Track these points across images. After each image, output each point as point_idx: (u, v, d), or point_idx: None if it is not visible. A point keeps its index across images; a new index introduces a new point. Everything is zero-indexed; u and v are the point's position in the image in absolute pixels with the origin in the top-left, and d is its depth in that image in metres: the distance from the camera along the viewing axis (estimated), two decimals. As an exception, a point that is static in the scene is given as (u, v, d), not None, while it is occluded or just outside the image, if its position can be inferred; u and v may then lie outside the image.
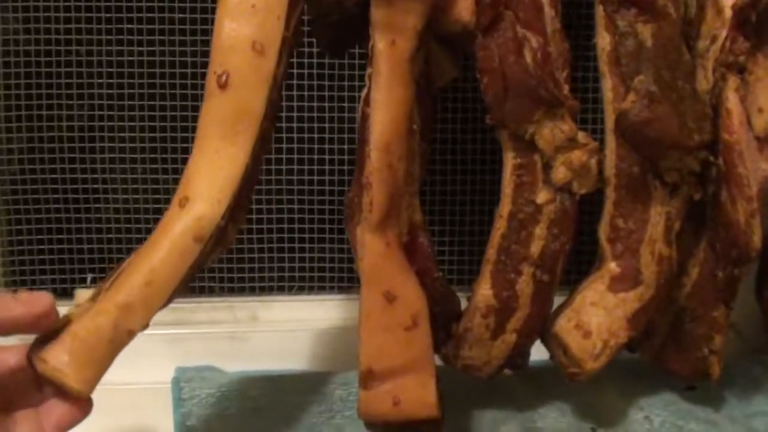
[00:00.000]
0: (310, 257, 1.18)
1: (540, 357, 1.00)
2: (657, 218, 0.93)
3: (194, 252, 0.79)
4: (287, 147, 1.13)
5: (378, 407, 0.86)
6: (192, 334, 1.14)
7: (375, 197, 0.83)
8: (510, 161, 0.92)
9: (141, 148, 1.11)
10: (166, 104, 1.09)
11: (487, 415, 1.05)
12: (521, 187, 0.92)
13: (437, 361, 0.91)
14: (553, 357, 0.98)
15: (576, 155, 0.90)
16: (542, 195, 0.91)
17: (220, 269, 1.17)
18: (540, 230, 0.92)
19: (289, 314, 1.18)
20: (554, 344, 0.97)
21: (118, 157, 1.12)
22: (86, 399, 0.80)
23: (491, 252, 0.94)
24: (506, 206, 0.92)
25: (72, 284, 1.13)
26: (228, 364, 1.11)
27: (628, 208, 0.93)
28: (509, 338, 0.95)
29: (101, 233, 1.12)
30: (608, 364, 0.96)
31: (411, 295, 0.85)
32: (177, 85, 1.09)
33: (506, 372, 0.99)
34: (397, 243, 0.86)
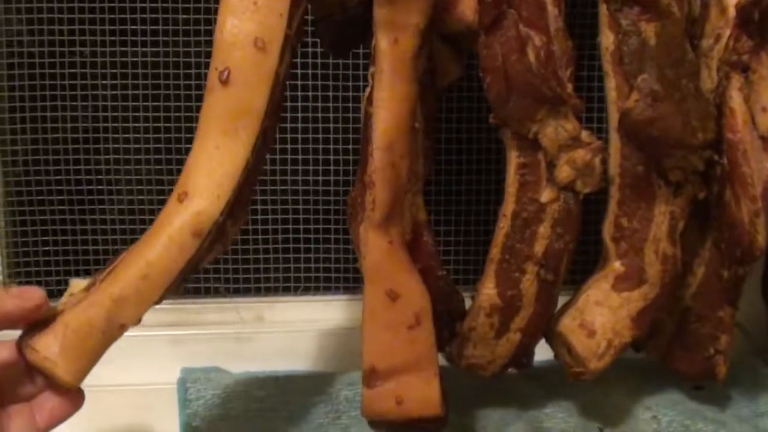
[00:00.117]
0: (316, 258, 1.18)
1: (545, 357, 1.00)
2: (661, 217, 0.92)
3: (192, 247, 0.78)
4: (292, 147, 1.13)
5: (381, 406, 0.86)
6: (198, 335, 1.14)
7: (378, 196, 0.83)
8: (514, 160, 0.92)
9: (145, 149, 1.11)
10: (171, 105, 1.09)
11: (494, 416, 1.05)
12: (525, 186, 0.92)
13: (441, 361, 0.91)
14: (558, 356, 0.98)
15: (580, 154, 0.90)
16: (546, 194, 0.91)
17: (226, 270, 1.17)
18: (544, 229, 0.92)
19: (295, 315, 1.18)
20: (558, 343, 0.96)
21: (123, 159, 1.12)
22: (77, 391, 0.80)
23: (495, 251, 0.94)
24: (510, 205, 0.92)
25: (77, 285, 1.13)
26: (234, 365, 1.12)
27: (632, 207, 0.93)
28: (513, 337, 0.95)
29: (106, 234, 1.13)
30: (614, 364, 0.96)
31: (414, 294, 0.85)
32: (181, 87, 1.09)
33: (511, 371, 0.99)
34: (400, 241, 0.86)
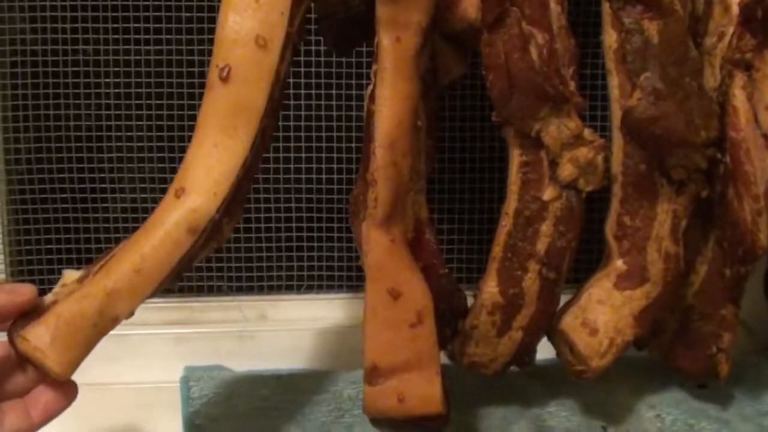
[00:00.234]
0: (319, 256, 1.18)
1: (547, 355, 1.00)
2: (664, 216, 0.92)
3: (186, 243, 0.78)
4: (295, 146, 1.13)
5: (383, 403, 0.86)
6: (201, 334, 1.15)
7: (380, 194, 0.83)
8: (516, 158, 0.92)
9: (148, 147, 1.11)
10: (174, 103, 1.09)
11: (497, 414, 1.05)
12: (527, 185, 0.92)
13: (443, 359, 0.91)
14: (560, 354, 0.98)
15: (582, 152, 0.90)
16: (548, 192, 0.91)
17: (229, 268, 1.17)
18: (546, 227, 0.92)
19: (298, 313, 1.19)
20: (561, 342, 0.96)
21: (126, 156, 1.12)
22: (70, 384, 0.80)
23: (497, 249, 0.94)
24: (512, 203, 0.92)
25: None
26: (237, 364, 1.12)
27: (635, 206, 0.93)
28: (515, 335, 0.95)
29: (109, 231, 1.13)
30: (618, 362, 0.95)
31: (416, 292, 0.85)
32: (184, 84, 1.09)
33: (513, 369, 0.99)
34: (403, 239, 0.86)
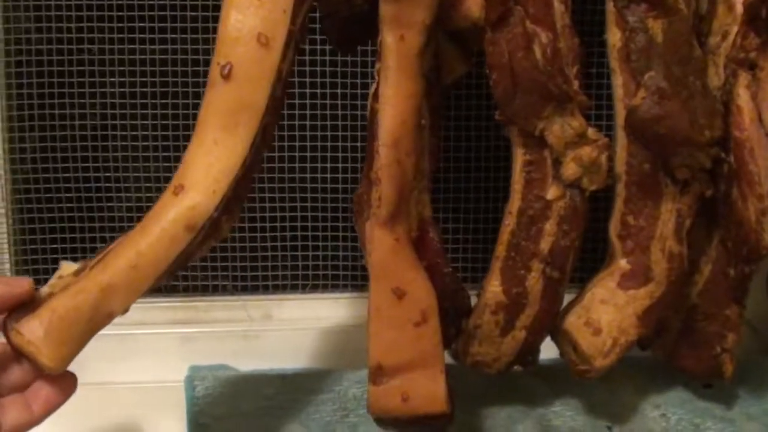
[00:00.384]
0: (324, 255, 1.18)
1: (551, 355, 1.00)
2: (668, 215, 0.92)
3: (184, 240, 0.78)
4: (300, 145, 1.13)
5: (387, 403, 0.86)
6: (206, 333, 1.15)
7: (384, 192, 0.83)
8: (520, 157, 0.91)
9: (153, 146, 1.11)
10: (178, 102, 1.09)
11: (502, 414, 1.05)
12: (531, 184, 0.92)
13: (447, 358, 0.90)
14: (563, 354, 0.98)
15: (586, 151, 0.90)
16: (552, 191, 0.91)
17: (234, 268, 1.17)
18: (550, 227, 0.92)
19: (303, 312, 1.19)
20: (564, 341, 0.96)
21: (131, 155, 1.12)
22: (70, 377, 0.80)
23: (501, 248, 0.94)
24: (516, 202, 0.92)
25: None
26: (241, 363, 1.12)
27: (639, 205, 0.93)
28: (519, 335, 0.95)
29: (114, 231, 1.13)
30: (623, 362, 0.95)
31: (420, 291, 0.85)
32: (189, 83, 1.09)
33: (516, 369, 0.99)
34: (406, 238, 0.86)
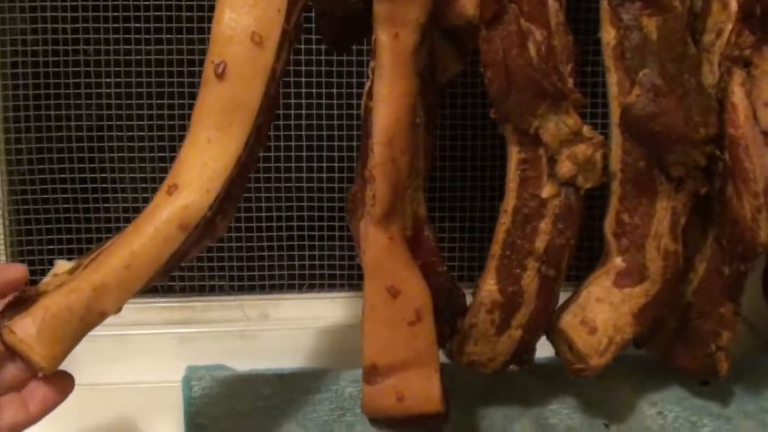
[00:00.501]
0: (320, 255, 1.18)
1: (548, 354, 1.00)
2: (663, 213, 0.92)
3: (177, 240, 0.78)
4: (296, 145, 1.13)
5: (382, 402, 0.86)
6: (202, 333, 1.15)
7: (378, 191, 0.83)
8: (514, 156, 0.91)
9: (149, 146, 1.11)
10: (174, 102, 1.09)
11: (498, 413, 1.05)
12: (526, 182, 0.92)
13: (442, 357, 0.90)
14: (559, 353, 0.98)
15: (581, 149, 0.90)
16: (547, 189, 0.91)
17: (231, 268, 1.17)
18: (545, 225, 0.92)
19: (300, 312, 1.18)
20: (560, 340, 0.96)
21: (127, 156, 1.12)
22: (67, 376, 0.81)
23: (496, 247, 0.93)
24: (511, 201, 0.92)
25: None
26: (238, 363, 1.11)
27: (634, 203, 0.93)
28: (515, 334, 0.95)
29: (110, 231, 1.12)
30: (619, 360, 0.95)
31: (415, 290, 0.85)
32: (185, 84, 1.09)
33: (512, 368, 0.99)
34: (401, 237, 0.86)
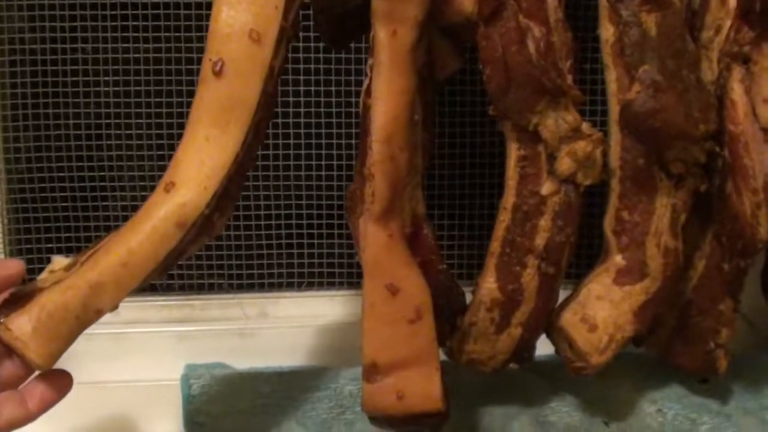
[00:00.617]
0: (319, 253, 1.18)
1: (547, 351, 1.00)
2: (662, 210, 0.92)
3: (175, 238, 0.78)
4: (294, 143, 1.13)
5: (382, 401, 0.85)
6: (201, 331, 1.14)
7: (377, 188, 0.83)
8: (514, 153, 0.91)
9: (148, 145, 1.11)
10: (173, 101, 1.09)
11: (498, 411, 1.05)
12: (525, 179, 0.91)
13: (442, 356, 0.90)
14: (559, 351, 0.98)
15: (580, 146, 0.90)
16: (547, 186, 0.91)
17: (230, 266, 1.17)
18: (545, 222, 0.92)
19: (299, 310, 1.18)
20: (560, 338, 0.96)
21: (125, 154, 1.12)
22: (66, 374, 0.81)
23: (495, 245, 0.93)
24: (510, 198, 0.92)
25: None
26: (238, 361, 1.11)
27: (634, 200, 0.92)
28: (514, 332, 0.94)
29: (108, 229, 1.12)
30: (619, 358, 0.95)
31: (414, 288, 0.85)
32: (183, 82, 1.08)
33: (512, 366, 0.99)
34: (400, 235, 0.85)
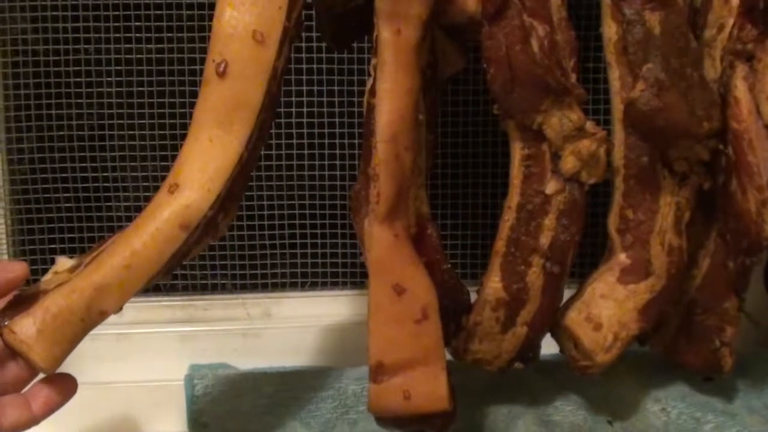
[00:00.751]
0: (323, 253, 1.18)
1: (551, 350, 1.00)
2: (666, 208, 0.92)
3: (179, 239, 0.79)
4: (298, 143, 1.13)
5: (389, 401, 0.85)
6: (205, 332, 1.15)
7: (382, 188, 0.83)
8: (518, 152, 0.91)
9: (151, 146, 1.11)
10: (176, 101, 1.09)
11: (503, 410, 1.05)
12: (530, 178, 0.91)
13: (447, 355, 0.90)
14: (564, 350, 0.97)
15: (585, 144, 0.89)
16: (551, 185, 0.91)
17: (233, 266, 1.17)
18: (549, 221, 0.92)
19: (302, 310, 1.18)
20: (565, 337, 0.96)
21: (128, 155, 1.12)
22: (70, 378, 0.81)
23: (500, 244, 0.93)
24: (515, 197, 0.92)
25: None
26: (241, 361, 1.11)
27: (638, 199, 0.92)
28: (520, 331, 0.94)
29: (112, 231, 1.12)
30: (623, 357, 0.95)
31: (420, 287, 0.85)
32: (186, 83, 1.09)
33: (517, 366, 0.98)
34: (406, 235, 0.85)
